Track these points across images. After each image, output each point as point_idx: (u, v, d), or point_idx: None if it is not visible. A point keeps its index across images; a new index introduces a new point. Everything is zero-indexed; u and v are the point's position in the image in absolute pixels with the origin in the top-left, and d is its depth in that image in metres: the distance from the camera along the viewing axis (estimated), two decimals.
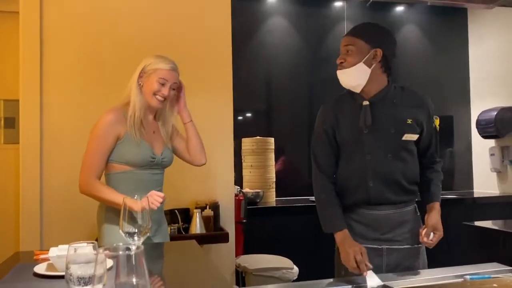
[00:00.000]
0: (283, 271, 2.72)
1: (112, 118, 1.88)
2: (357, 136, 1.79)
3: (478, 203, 4.09)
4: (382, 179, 1.78)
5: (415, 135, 1.80)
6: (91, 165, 1.87)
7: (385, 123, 1.77)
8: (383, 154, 1.78)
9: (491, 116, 4.19)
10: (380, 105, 1.79)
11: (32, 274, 1.34)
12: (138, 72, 1.94)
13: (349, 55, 1.77)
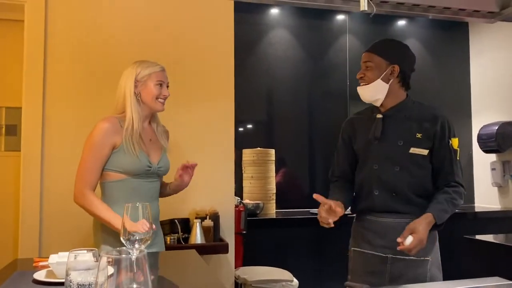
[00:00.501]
0: (283, 284, 2.70)
1: (108, 127, 1.86)
2: (367, 146, 1.90)
3: (479, 217, 4.07)
4: (388, 189, 1.85)
5: (425, 150, 1.84)
6: (86, 175, 1.84)
7: (394, 136, 1.86)
8: (390, 165, 1.85)
9: (492, 130, 4.19)
10: (392, 119, 1.89)
11: (32, 281, 1.34)
12: (131, 83, 1.93)
13: (368, 70, 1.87)
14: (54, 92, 2.69)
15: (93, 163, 1.85)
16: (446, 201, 1.80)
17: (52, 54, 2.71)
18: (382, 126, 1.88)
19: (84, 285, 1.12)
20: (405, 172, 1.84)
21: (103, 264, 0.72)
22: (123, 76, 1.97)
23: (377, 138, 1.87)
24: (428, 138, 1.84)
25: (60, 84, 2.71)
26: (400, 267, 1.82)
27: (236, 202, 3.15)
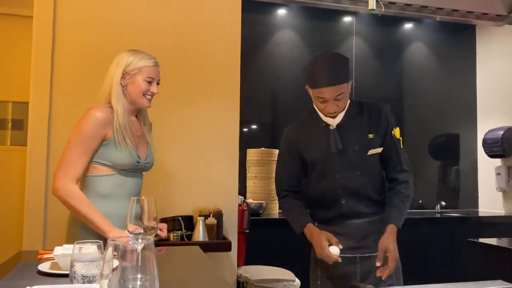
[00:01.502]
0: (285, 283, 2.69)
1: (102, 116, 1.76)
2: (326, 158, 1.88)
3: (483, 222, 4.06)
4: (353, 195, 1.88)
5: (379, 149, 1.89)
6: (71, 166, 1.70)
7: (350, 143, 1.87)
8: (352, 172, 1.88)
9: (497, 135, 4.17)
10: (344, 126, 1.88)
11: (36, 272, 1.34)
12: (119, 72, 1.82)
13: (340, 101, 1.82)
14: (61, 88, 2.71)
15: (81, 154, 1.71)
16: (402, 203, 1.86)
17: (60, 50, 2.72)
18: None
19: (88, 276, 1.13)
20: (366, 175, 1.88)
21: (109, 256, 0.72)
22: (113, 63, 1.86)
23: (339, 151, 1.86)
24: (379, 136, 1.89)
25: (67, 79, 2.72)
26: (369, 265, 1.86)
27: (239, 201, 3.16)
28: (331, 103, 1.80)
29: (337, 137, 1.87)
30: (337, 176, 1.88)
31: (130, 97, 1.83)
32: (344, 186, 1.88)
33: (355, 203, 1.89)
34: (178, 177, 2.87)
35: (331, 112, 1.83)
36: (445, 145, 4.68)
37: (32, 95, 2.66)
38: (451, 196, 4.61)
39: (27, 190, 2.61)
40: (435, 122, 4.66)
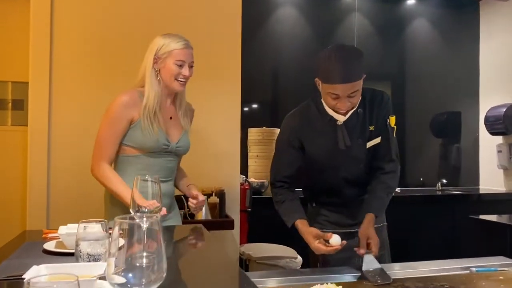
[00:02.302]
0: (287, 260, 2.72)
1: (127, 99, 1.82)
2: (331, 152, 1.85)
3: (484, 199, 4.07)
4: (355, 185, 1.91)
5: (377, 139, 1.86)
6: (104, 148, 1.82)
7: (355, 137, 1.83)
8: (355, 165, 1.88)
9: (500, 112, 4.16)
10: (349, 120, 1.82)
11: (42, 251, 1.35)
12: (151, 57, 1.85)
13: (353, 97, 1.73)
14: (60, 67, 2.68)
15: (110, 136, 1.81)
16: (385, 194, 1.84)
17: (59, 29, 2.68)
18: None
19: (94, 255, 1.14)
20: (366, 166, 1.89)
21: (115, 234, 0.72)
22: (148, 49, 1.89)
23: (348, 147, 1.82)
24: (378, 127, 1.85)
25: (66, 58, 2.70)
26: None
27: (241, 180, 3.17)
28: (344, 100, 1.70)
29: (345, 133, 1.81)
30: (341, 169, 1.88)
31: (163, 81, 1.85)
32: (346, 178, 1.89)
33: (356, 192, 1.91)
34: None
35: (343, 110, 1.75)
36: (447, 122, 4.66)
37: (32, 75, 2.63)
38: (452, 174, 4.62)
39: (29, 171, 2.61)
40: (437, 99, 4.63)
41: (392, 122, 1.86)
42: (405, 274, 1.62)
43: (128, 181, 1.76)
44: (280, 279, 1.56)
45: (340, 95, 1.69)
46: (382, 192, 1.84)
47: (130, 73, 2.78)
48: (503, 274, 1.63)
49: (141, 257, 0.70)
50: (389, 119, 1.86)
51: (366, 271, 1.57)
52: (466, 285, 1.49)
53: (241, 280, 1.28)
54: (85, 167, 2.69)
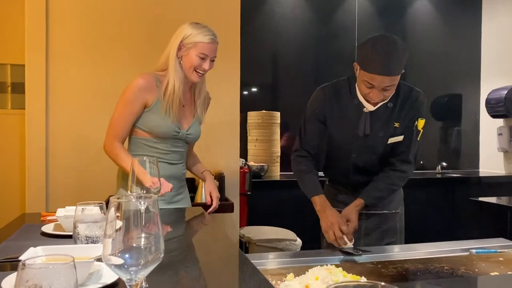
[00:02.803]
0: (286, 243, 2.73)
1: (143, 83, 1.83)
2: (348, 136, 1.86)
3: (483, 182, 4.07)
4: (363, 173, 1.92)
5: (400, 137, 1.85)
6: (116, 128, 1.86)
7: (376, 128, 1.83)
8: (369, 155, 1.88)
9: (501, 95, 4.13)
10: (378, 111, 1.81)
11: (40, 234, 1.35)
12: (176, 43, 1.85)
13: (387, 91, 1.71)
14: (57, 48, 2.65)
15: (124, 118, 1.85)
16: (386, 188, 1.85)
17: (54, 10, 2.64)
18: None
19: (92, 237, 1.13)
20: (380, 158, 1.89)
21: (112, 216, 0.71)
22: (174, 34, 1.89)
23: (366, 135, 1.82)
24: (403, 125, 1.84)
25: (63, 40, 2.66)
26: (375, 221, 1.94)
27: (241, 163, 3.16)
28: (378, 91, 1.69)
29: (368, 122, 1.81)
30: (353, 155, 1.89)
31: (183, 69, 1.87)
32: (356, 164, 1.91)
33: (363, 178, 1.91)
34: None
35: (375, 100, 1.73)
36: (447, 105, 4.64)
37: (27, 57, 2.60)
38: (452, 157, 4.62)
39: (28, 154, 2.60)
40: (437, 82, 4.60)
41: (419, 125, 1.85)
42: (405, 255, 1.62)
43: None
44: (280, 261, 1.56)
45: (376, 85, 1.67)
46: (383, 185, 1.84)
47: (126, 54, 2.76)
48: (502, 256, 1.63)
49: (139, 238, 0.69)
50: (417, 121, 1.84)
51: (340, 249, 1.65)
52: (466, 267, 1.49)
53: (241, 261, 1.27)
54: (84, 150, 2.70)
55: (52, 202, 2.60)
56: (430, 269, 1.47)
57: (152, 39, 2.81)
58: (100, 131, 2.75)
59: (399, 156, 1.86)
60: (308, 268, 1.38)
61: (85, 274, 0.92)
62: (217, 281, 1.10)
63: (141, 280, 0.69)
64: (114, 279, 0.93)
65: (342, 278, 1.29)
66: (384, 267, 1.48)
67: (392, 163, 1.87)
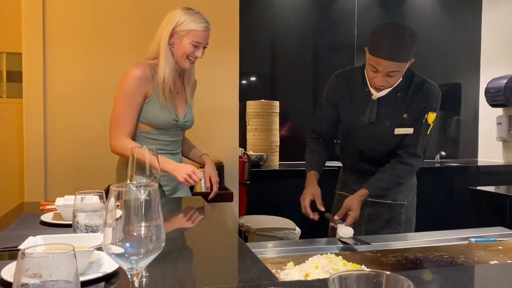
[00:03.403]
0: (285, 232, 2.73)
1: (141, 73, 1.78)
2: (356, 123, 1.92)
3: (482, 171, 4.08)
4: (370, 161, 1.95)
5: (409, 129, 1.86)
6: (121, 124, 1.77)
7: (383, 117, 1.86)
8: (375, 142, 1.91)
9: (500, 84, 4.12)
10: (385, 100, 1.84)
11: (39, 223, 1.34)
12: (168, 30, 1.80)
13: (391, 77, 1.74)
14: (54, 36, 2.63)
15: (128, 111, 1.77)
16: (391, 180, 1.86)
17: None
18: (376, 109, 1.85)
19: (91, 226, 1.13)
20: (387, 147, 1.90)
21: (112, 205, 0.70)
22: (165, 19, 1.84)
23: (372, 122, 1.86)
24: (413, 117, 1.85)
25: (60, 27, 2.64)
26: (378, 210, 1.96)
27: (240, 153, 3.15)
28: (382, 76, 1.73)
29: (375, 109, 1.84)
30: (359, 142, 1.94)
31: (174, 56, 1.83)
32: (363, 152, 1.95)
33: (370, 167, 1.94)
34: None
35: (378, 85, 1.76)
36: (447, 94, 4.62)
37: (25, 45, 2.58)
38: (451, 146, 4.61)
39: (26, 143, 2.59)
40: (437, 71, 4.58)
41: (430, 118, 1.85)
42: (404, 244, 1.63)
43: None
44: (279, 250, 1.56)
45: (380, 70, 1.71)
46: (388, 176, 1.85)
47: (124, 41, 2.74)
48: (501, 244, 1.63)
49: (139, 227, 0.68)
50: (427, 114, 1.84)
51: (339, 238, 1.66)
52: (465, 255, 1.49)
53: (241, 250, 1.27)
54: (82, 138, 2.68)
55: (51, 191, 2.59)
56: (430, 257, 1.47)
57: (150, 26, 2.78)
58: (99, 120, 2.74)
59: (407, 148, 1.86)
60: (308, 256, 1.39)
61: (85, 263, 0.92)
62: (218, 270, 1.10)
63: (142, 269, 0.69)
64: (114, 268, 0.92)
65: (342, 267, 1.29)
66: (384, 255, 1.49)
67: (400, 155, 1.87)
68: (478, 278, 1.07)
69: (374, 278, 0.52)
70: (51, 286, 0.58)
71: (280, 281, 1.11)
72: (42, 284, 0.57)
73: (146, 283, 0.92)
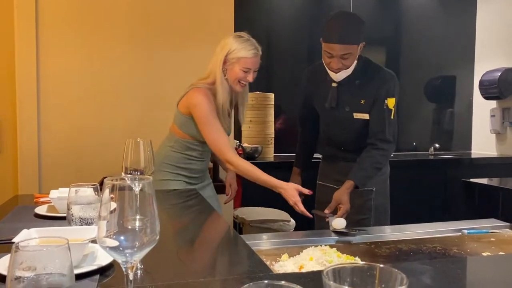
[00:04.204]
0: (280, 223, 2.74)
1: (208, 97, 1.94)
2: (321, 109, 2.12)
3: (475, 163, 4.10)
4: (336, 146, 2.15)
5: (366, 115, 2.01)
6: (225, 141, 1.94)
7: (343, 103, 2.03)
8: (339, 127, 2.09)
9: (495, 76, 4.13)
10: (344, 87, 2.01)
11: (33, 215, 1.34)
12: (221, 57, 1.95)
13: (346, 60, 1.90)
14: (48, 28, 2.60)
15: (220, 128, 1.94)
16: (370, 167, 1.96)
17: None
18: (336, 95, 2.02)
19: (86, 219, 1.13)
20: (351, 132, 2.07)
21: (106, 198, 0.70)
22: (219, 47, 1.99)
23: (333, 107, 2.03)
24: (369, 103, 1.99)
25: (53, 20, 2.61)
26: (361, 200, 2.07)
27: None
28: (337, 60, 1.89)
29: (335, 95, 2.02)
30: (325, 128, 2.16)
31: (227, 80, 1.98)
32: (329, 137, 2.16)
33: (337, 151, 2.15)
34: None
35: (335, 68, 1.92)
36: (441, 87, 4.64)
37: (17, 36, 2.55)
38: (445, 138, 4.63)
39: (19, 134, 2.57)
40: (432, 64, 4.59)
41: (390, 104, 1.98)
42: (398, 236, 1.64)
43: (181, 162, 2.04)
44: (274, 242, 1.57)
45: (334, 54, 1.87)
46: (368, 164, 1.95)
47: (117, 36, 2.72)
48: (494, 236, 1.65)
49: (134, 220, 0.68)
50: (386, 100, 1.97)
51: (333, 230, 1.68)
52: (458, 247, 1.51)
53: (236, 242, 1.28)
54: (76, 131, 2.67)
55: (45, 184, 2.58)
56: (423, 249, 1.48)
57: (144, 20, 2.77)
58: (93, 112, 2.72)
59: (377, 135, 1.98)
60: (302, 248, 1.40)
61: (80, 256, 0.92)
62: (213, 262, 1.11)
63: (137, 262, 0.69)
64: (109, 261, 0.93)
65: (336, 259, 1.30)
66: (377, 247, 1.50)
67: (372, 143, 1.99)
68: (470, 270, 1.08)
69: (368, 271, 0.52)
70: (45, 279, 0.58)
71: (275, 273, 1.12)
72: (36, 277, 0.57)
73: (141, 276, 0.92)
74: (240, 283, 0.89)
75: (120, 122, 2.70)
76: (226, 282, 0.91)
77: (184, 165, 2.05)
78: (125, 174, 1.21)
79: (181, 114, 2.02)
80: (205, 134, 1.94)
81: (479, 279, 1.00)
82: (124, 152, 1.22)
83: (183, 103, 2.01)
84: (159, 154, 2.06)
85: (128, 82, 2.74)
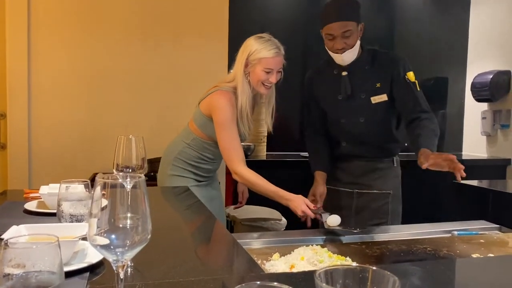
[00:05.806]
0: (272, 222, 2.75)
1: (231, 102, 1.91)
2: (334, 103, 2.03)
3: (466, 165, 4.10)
4: (355, 140, 2.04)
5: (383, 96, 1.94)
6: (237, 150, 1.91)
7: (357, 90, 1.96)
8: (356, 118, 1.99)
9: (486, 79, 4.15)
10: (355, 74, 1.96)
11: (22, 211, 1.32)
12: (243, 59, 1.92)
13: (348, 38, 1.88)
14: (39, 25, 2.59)
15: (237, 137, 1.92)
16: (430, 132, 1.85)
17: None
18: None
19: (76, 215, 1.12)
20: (370, 122, 1.98)
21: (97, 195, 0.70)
22: (240, 50, 1.96)
23: (349, 96, 1.96)
24: (386, 84, 1.94)
25: (46, 15, 2.59)
26: (364, 200, 2.03)
27: None
28: (339, 39, 1.86)
29: (347, 83, 1.95)
30: (341, 120, 2.03)
31: (251, 83, 1.95)
32: (347, 130, 2.03)
33: (355, 147, 2.03)
34: (166, 118, 2.83)
35: (339, 48, 1.88)
36: (433, 88, 4.66)
37: (9, 32, 2.53)
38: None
39: (9, 129, 2.55)
40: (424, 65, 4.61)
41: (411, 77, 1.94)
42: (388, 237, 1.65)
43: (193, 160, 2.02)
44: (265, 241, 1.56)
45: (335, 34, 1.86)
46: (427, 132, 1.83)
47: (108, 32, 2.70)
48: (483, 238, 1.66)
49: (125, 218, 0.68)
50: (406, 75, 1.93)
51: (328, 228, 1.67)
52: (448, 248, 1.52)
53: (227, 240, 1.27)
54: (66, 126, 2.65)
55: (35, 179, 2.56)
56: (413, 250, 1.49)
57: (135, 15, 2.75)
58: (83, 108, 2.70)
59: (414, 110, 1.91)
60: (293, 248, 1.40)
61: (70, 254, 0.91)
62: (204, 261, 1.10)
63: (127, 261, 0.68)
64: (99, 259, 0.92)
65: (327, 258, 1.30)
66: (368, 247, 1.50)
67: (414, 118, 1.90)
68: (460, 272, 1.08)
69: (360, 273, 0.52)
70: (34, 276, 0.58)
71: (266, 273, 1.11)
72: (26, 275, 0.57)
73: (132, 274, 0.92)
74: (231, 282, 0.89)
75: (112, 118, 2.69)
76: (216, 281, 0.90)
77: (195, 163, 2.05)
78: (116, 171, 1.20)
79: (202, 115, 1.99)
80: (219, 139, 1.92)
81: (469, 281, 1.01)
82: (115, 149, 1.21)
83: (205, 104, 1.97)
84: (172, 149, 2.06)
85: (120, 78, 2.72)
